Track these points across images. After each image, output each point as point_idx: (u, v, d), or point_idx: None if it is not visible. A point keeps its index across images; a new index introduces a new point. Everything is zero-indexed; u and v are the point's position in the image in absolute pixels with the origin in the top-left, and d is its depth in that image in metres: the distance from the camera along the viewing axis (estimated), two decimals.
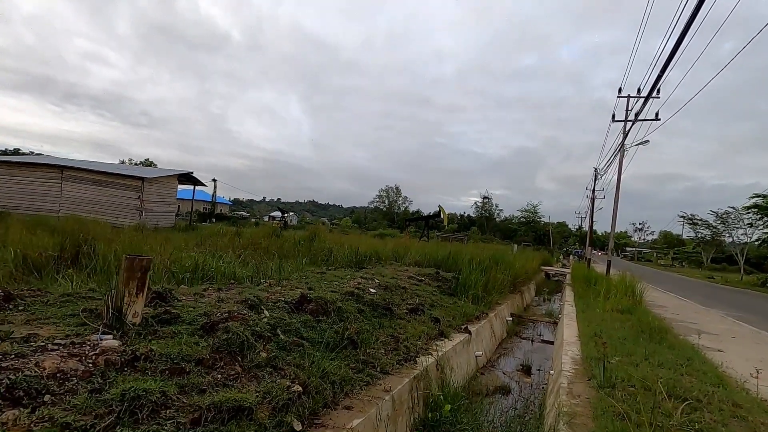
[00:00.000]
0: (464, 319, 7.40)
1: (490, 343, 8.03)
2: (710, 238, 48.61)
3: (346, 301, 5.70)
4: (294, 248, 13.45)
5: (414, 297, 7.51)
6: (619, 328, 7.61)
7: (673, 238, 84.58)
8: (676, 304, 14.59)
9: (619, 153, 18.89)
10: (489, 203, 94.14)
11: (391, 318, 5.98)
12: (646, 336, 7.05)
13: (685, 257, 69.89)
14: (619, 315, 9.36)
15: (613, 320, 8.61)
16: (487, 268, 11.03)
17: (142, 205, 20.03)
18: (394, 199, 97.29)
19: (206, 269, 6.71)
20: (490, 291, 10.22)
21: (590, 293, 12.99)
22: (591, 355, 5.52)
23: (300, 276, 7.33)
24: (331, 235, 19.15)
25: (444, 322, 6.61)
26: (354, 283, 7.23)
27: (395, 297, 7.07)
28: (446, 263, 12.21)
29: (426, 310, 6.90)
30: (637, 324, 8.03)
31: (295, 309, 4.62)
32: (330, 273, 8.21)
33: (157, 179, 21.23)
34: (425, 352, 5.16)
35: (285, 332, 4.03)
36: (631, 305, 10.42)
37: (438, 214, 26.66)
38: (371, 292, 6.80)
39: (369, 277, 7.89)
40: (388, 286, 7.49)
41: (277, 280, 6.48)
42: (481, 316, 8.23)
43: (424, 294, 7.91)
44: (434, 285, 9.31)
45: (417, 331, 5.68)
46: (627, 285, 12.34)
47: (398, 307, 6.60)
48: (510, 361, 7.83)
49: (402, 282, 8.54)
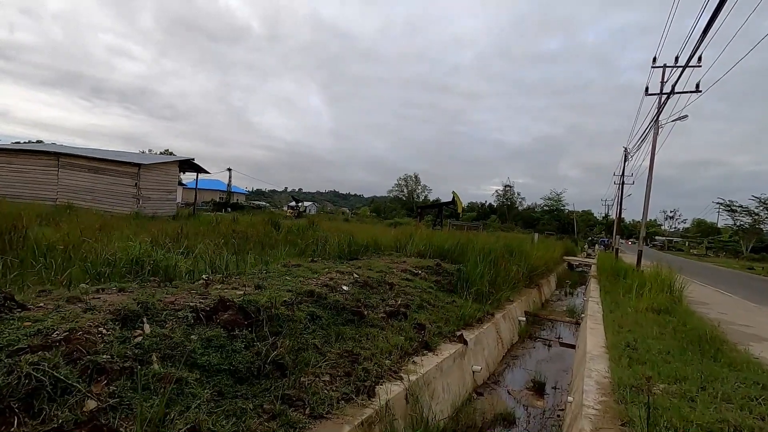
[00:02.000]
0: (461, 324, 6.00)
1: (494, 351, 6.61)
2: (750, 225, 45.17)
3: (299, 304, 4.40)
4: (286, 238, 12.31)
5: (400, 296, 6.15)
6: (658, 336, 6.06)
7: (707, 226, 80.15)
8: (719, 300, 12.74)
9: (652, 129, 16.85)
10: (510, 191, 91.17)
11: (359, 326, 4.64)
12: (695, 348, 5.50)
13: (720, 246, 65.85)
14: (655, 316, 7.77)
15: (648, 323, 7.05)
16: (496, 260, 9.55)
17: (139, 193, 19.24)
18: (413, 188, 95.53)
19: (142, 262, 5.52)
20: (499, 286, 8.76)
21: (619, 288, 11.34)
22: (625, 381, 4.05)
23: (262, 270, 6.07)
24: (331, 223, 17.96)
25: (432, 329, 5.23)
26: (326, 278, 5.93)
27: (374, 296, 5.73)
28: (452, 254, 10.79)
29: (411, 313, 5.53)
30: (681, 329, 6.46)
31: (204, 320, 3.34)
32: (305, 266, 6.93)
33: (155, 166, 20.37)
34: (394, 375, 3.81)
35: (166, 358, 2.75)
36: (670, 303, 8.78)
37: (452, 202, 25.06)
38: (342, 291, 5.48)
39: (348, 271, 6.57)
40: (369, 282, 6.15)
41: (222, 277, 5.23)
42: (484, 318, 6.81)
43: (414, 291, 6.54)
44: (431, 280, 7.93)
45: (390, 344, 4.33)
46: (663, 279, 10.65)
47: (374, 309, 5.26)
48: (519, 375, 6.40)
49: (391, 276, 7.19)
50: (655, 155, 16.26)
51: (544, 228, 65.34)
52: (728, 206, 45.87)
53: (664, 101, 16.60)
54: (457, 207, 25.12)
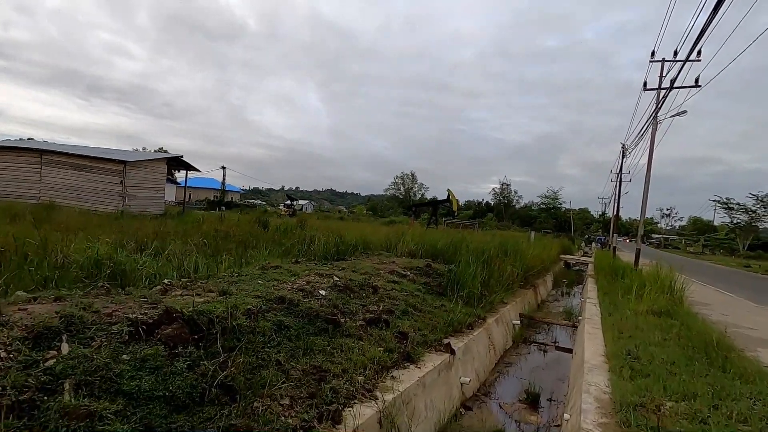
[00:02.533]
0: (450, 330, 5.56)
1: (486, 359, 6.17)
2: (747, 223, 44.96)
3: (266, 313, 3.95)
4: (273, 237, 11.85)
5: (384, 300, 5.70)
6: (661, 343, 5.64)
7: (703, 224, 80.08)
8: (720, 300, 12.37)
9: (651, 125, 16.45)
10: (507, 189, 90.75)
11: (334, 336, 4.20)
12: (702, 356, 5.08)
13: (716, 244, 65.75)
14: (656, 320, 7.36)
15: (650, 328, 6.63)
16: (489, 260, 9.11)
17: (124, 191, 18.69)
18: (410, 186, 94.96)
19: (101, 265, 5.05)
20: (492, 288, 8.33)
21: (617, 288, 10.94)
22: (628, 398, 3.62)
23: (233, 273, 5.62)
24: (321, 222, 17.49)
25: (415, 337, 4.79)
26: (303, 282, 5.49)
27: (354, 301, 5.28)
28: (444, 254, 10.36)
29: (394, 320, 5.09)
30: (686, 335, 6.04)
31: (143, 335, 2.88)
32: (285, 268, 6.48)
33: (142, 163, 19.80)
34: (367, 395, 3.37)
35: (83, 386, 2.30)
36: (671, 305, 8.38)
37: (447, 199, 24.61)
38: (319, 296, 5.03)
39: (329, 273, 6.12)
40: (350, 285, 5.70)
41: (187, 282, 4.77)
42: (475, 323, 6.37)
43: (400, 295, 6.09)
44: (420, 282, 7.49)
45: (366, 357, 3.88)
46: (663, 279, 10.25)
47: (352, 317, 4.81)
48: (512, 385, 5.96)
49: (376, 278, 6.75)
50: (653, 151, 15.88)
51: (541, 226, 65.02)
52: (725, 204, 45.65)
53: (663, 96, 16.21)
54: (452, 205, 24.68)
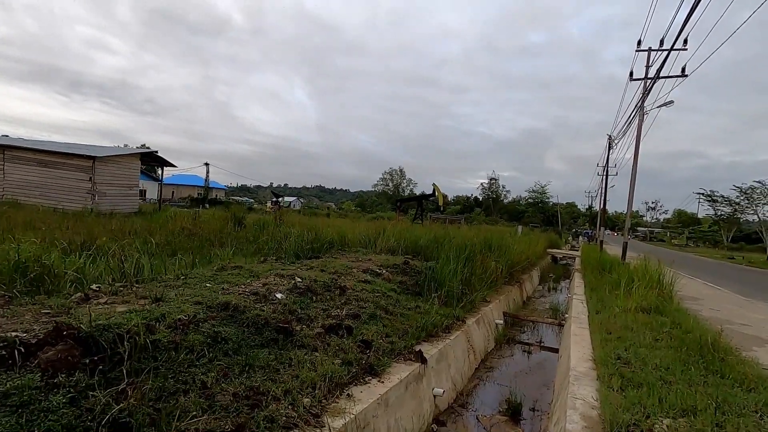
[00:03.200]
0: (423, 335, 5.03)
1: (464, 365, 5.66)
2: (730, 215, 45.43)
3: (202, 323, 3.38)
4: (246, 235, 11.23)
5: (351, 303, 5.15)
6: (652, 345, 5.19)
7: (687, 216, 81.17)
8: (708, 293, 12.09)
9: (637, 116, 16.13)
10: (495, 184, 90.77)
11: (284, 347, 3.63)
12: (697, 359, 4.64)
13: (700, 237, 66.59)
14: (646, 317, 6.93)
15: (639, 327, 6.20)
16: (471, 256, 8.62)
17: (93, 188, 17.78)
18: (398, 182, 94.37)
19: (25, 269, 4.41)
20: (474, 286, 7.85)
21: (605, 283, 10.55)
22: (619, 416, 3.13)
23: (179, 276, 5.01)
24: (300, 218, 16.86)
25: (382, 345, 4.24)
26: (259, 284, 4.92)
27: (315, 305, 4.72)
28: (426, 250, 9.85)
29: (360, 326, 4.54)
30: (678, 335, 5.61)
31: (18, 359, 2.28)
32: (246, 268, 5.92)
33: (112, 159, 18.84)
34: (313, 421, 2.81)
35: None
36: (660, 301, 7.99)
37: (432, 194, 24.12)
38: (274, 300, 4.46)
39: (291, 274, 5.54)
40: (312, 287, 5.14)
41: (119, 287, 4.16)
42: (453, 325, 5.86)
43: (370, 297, 5.54)
44: (396, 281, 6.96)
45: (317, 372, 3.33)
46: (651, 273, 9.89)
47: (310, 323, 4.25)
48: (492, 393, 5.46)
49: (346, 278, 6.20)
50: (640, 142, 15.57)
51: (529, 221, 65.15)
52: (709, 196, 46.03)
53: (649, 86, 15.89)
54: (438, 200, 24.19)
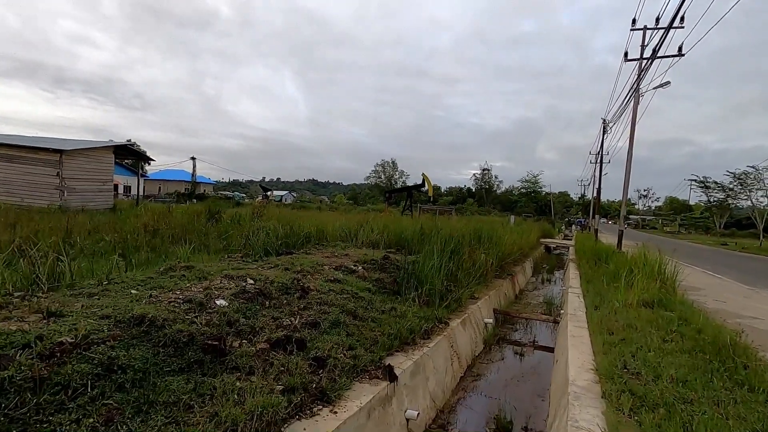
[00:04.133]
0: (396, 344, 4.28)
1: (446, 376, 4.93)
2: (722, 202, 45.16)
3: (96, 345, 2.60)
4: (217, 230, 10.41)
5: (312, 307, 4.38)
6: (662, 348, 4.50)
7: (679, 203, 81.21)
8: (710, 283, 11.51)
9: (632, 98, 15.44)
10: (488, 175, 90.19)
11: (210, 371, 2.87)
12: (717, 366, 3.95)
13: (692, 223, 66.62)
14: (649, 313, 6.25)
15: (644, 324, 5.51)
16: (458, 248, 7.89)
17: (62, 184, 16.78)
18: (391, 174, 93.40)
19: None
20: (460, 281, 7.12)
21: (601, 274, 9.90)
22: None
23: (103, 281, 4.21)
24: (286, 212, 16.03)
25: (342, 361, 3.47)
26: (198, 288, 4.14)
27: (266, 312, 3.95)
28: (411, 243, 9.11)
29: (317, 337, 3.77)
30: (689, 334, 4.92)
31: None
32: (199, 268, 5.14)
33: (82, 152, 17.78)
34: None
35: None
36: (664, 294, 7.33)
37: (422, 185, 23.34)
38: (213, 308, 3.69)
39: (243, 275, 4.76)
40: (266, 290, 4.36)
41: (11, 298, 3.36)
42: (434, 329, 5.12)
43: (337, 299, 4.78)
44: (373, 278, 6.20)
45: (245, 407, 2.56)
46: (651, 264, 9.25)
47: (253, 336, 3.48)
48: (479, 408, 4.73)
49: (315, 277, 5.44)
50: (635, 124, 14.88)
51: (522, 210, 64.71)
52: (702, 183, 45.71)
53: (645, 67, 15.18)
54: (428, 191, 23.44)
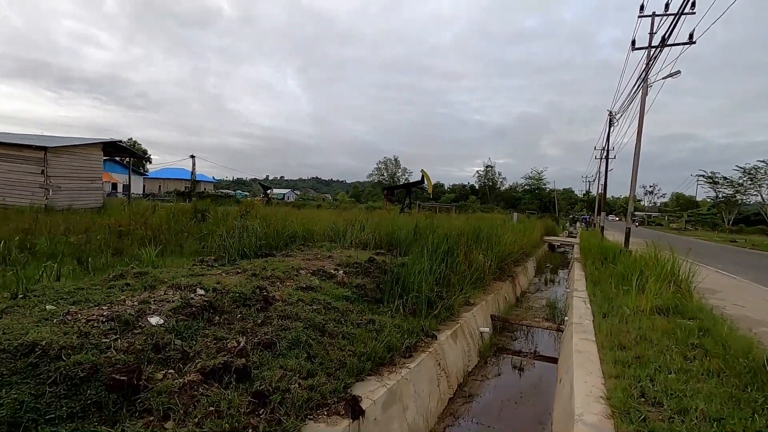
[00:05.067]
0: (369, 366, 3.61)
1: (431, 400, 4.24)
2: (731, 197, 44.10)
3: None
4: (199, 230, 9.82)
5: (272, 322, 3.72)
6: (686, 369, 3.80)
7: (686, 200, 79.96)
8: (725, 284, 10.78)
9: (640, 89, 14.65)
10: (492, 172, 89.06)
11: (112, 418, 2.21)
12: (755, 395, 3.26)
13: (699, 220, 65.44)
14: (665, 322, 5.55)
15: (661, 337, 4.83)
16: (451, 249, 7.21)
17: (47, 182, 16.21)
18: (393, 171, 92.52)
19: None
20: (453, 286, 6.44)
21: (608, 276, 9.19)
22: None
23: (18, 293, 3.57)
24: (278, 210, 15.41)
25: (290, 396, 2.80)
26: (134, 302, 3.49)
27: (209, 332, 3.29)
28: (403, 243, 8.43)
29: (268, 363, 3.11)
30: (715, 350, 4.22)
31: None
32: (149, 276, 4.49)
33: (68, 149, 17.20)
34: None
35: None
36: (679, 299, 6.62)
37: (421, 181, 22.63)
38: (141, 328, 3.04)
39: (195, 284, 4.10)
40: (217, 303, 3.70)
41: None
42: (419, 344, 4.45)
43: (305, 310, 4.11)
44: (353, 284, 5.52)
45: None
46: (662, 263, 8.55)
47: (185, 364, 2.82)
48: None
49: (282, 285, 4.78)
50: (644, 116, 14.10)
51: (526, 207, 63.81)
52: (710, 178, 44.61)
53: (653, 55, 14.38)
54: (427, 187, 22.74)
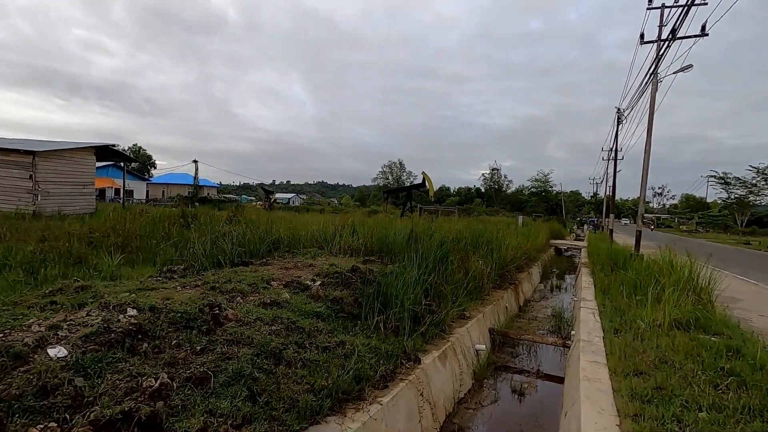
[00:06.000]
0: (327, 404, 2.96)
1: None
2: (743, 198, 42.85)
3: None
4: (181, 235, 9.25)
5: (215, 349, 3.09)
6: (719, 404, 3.11)
7: (696, 201, 78.39)
8: (746, 291, 9.98)
9: (649, 84, 13.90)
10: (497, 174, 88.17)
11: None
12: None
13: (710, 221, 63.97)
14: (687, 339, 4.85)
15: (684, 359, 4.13)
16: (445, 256, 6.55)
17: (35, 187, 15.79)
18: (398, 175, 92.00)
19: None
20: (446, 297, 5.77)
21: (619, 283, 8.46)
22: None
23: None
24: (265, 215, 14.83)
25: None
26: (45, 324, 2.90)
27: (124, 365, 2.66)
28: (394, 249, 7.77)
29: (195, 404, 2.47)
30: (752, 377, 3.52)
31: None
32: (90, 291, 3.91)
33: (58, 154, 16.79)
34: None
35: None
36: (701, 311, 5.90)
37: (422, 184, 21.98)
38: (34, 363, 2.42)
39: (123, 304, 3.48)
40: (149, 326, 3.08)
41: None
42: (397, 371, 3.78)
43: (261, 332, 3.48)
44: (330, 296, 4.87)
45: None
46: (679, 270, 7.84)
47: (75, 413, 2.19)
48: None
49: (242, 301, 4.16)
50: (654, 113, 13.33)
51: (532, 210, 62.87)
52: (722, 179, 43.42)
53: (663, 48, 13.64)
54: (428, 190, 22.07)
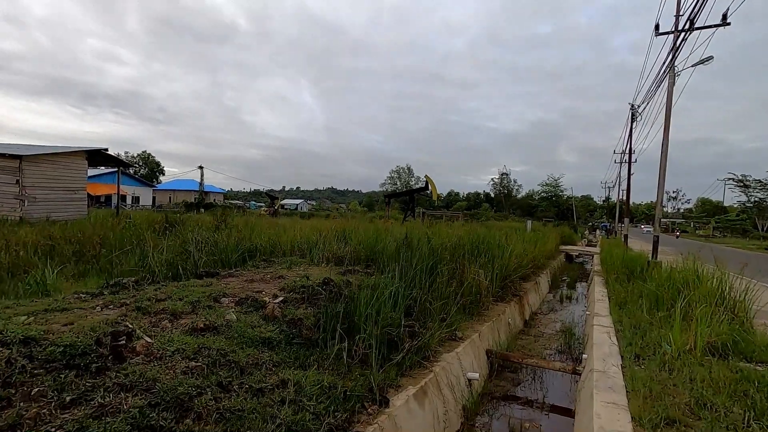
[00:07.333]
0: None
1: None
2: (762, 201, 41.09)
3: None
4: (158, 243, 8.53)
5: (93, 399, 2.27)
6: None
7: (712, 205, 76.15)
8: None
9: (667, 77, 12.91)
10: (507, 179, 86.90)
11: None
12: None
13: (727, 226, 61.82)
14: (726, 370, 3.93)
15: (726, 400, 3.21)
16: (433, 267, 5.67)
17: (22, 193, 15.28)
18: (406, 180, 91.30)
19: None
20: (432, 315, 4.89)
21: (638, 296, 7.50)
22: None
23: None
24: (252, 220, 14.12)
25: None
26: None
27: None
28: (382, 257, 6.94)
29: None
30: None
31: None
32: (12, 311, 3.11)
33: (46, 158, 16.27)
34: None
35: None
36: (738, 332, 4.94)
37: (425, 187, 21.11)
38: None
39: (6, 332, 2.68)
40: (18, 364, 2.26)
41: None
42: (355, 421, 2.92)
43: (173, 373, 2.66)
44: (288, 317, 4.04)
45: None
46: (707, 281, 6.90)
47: None
48: None
49: (170, 326, 3.36)
50: (671, 109, 12.33)
51: (543, 215, 61.57)
52: (741, 181, 41.69)
53: (681, 40, 12.66)
54: (431, 194, 21.19)
